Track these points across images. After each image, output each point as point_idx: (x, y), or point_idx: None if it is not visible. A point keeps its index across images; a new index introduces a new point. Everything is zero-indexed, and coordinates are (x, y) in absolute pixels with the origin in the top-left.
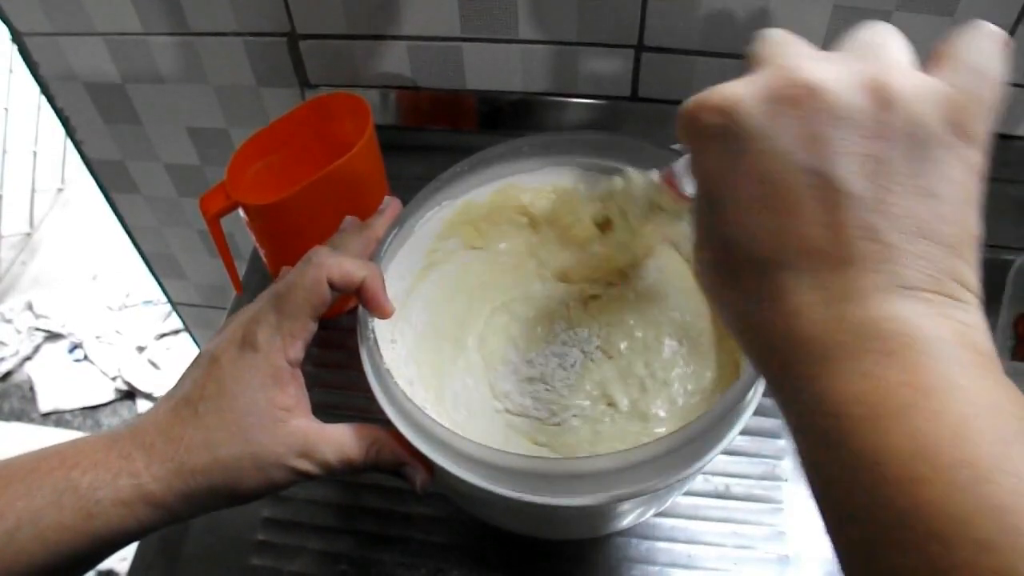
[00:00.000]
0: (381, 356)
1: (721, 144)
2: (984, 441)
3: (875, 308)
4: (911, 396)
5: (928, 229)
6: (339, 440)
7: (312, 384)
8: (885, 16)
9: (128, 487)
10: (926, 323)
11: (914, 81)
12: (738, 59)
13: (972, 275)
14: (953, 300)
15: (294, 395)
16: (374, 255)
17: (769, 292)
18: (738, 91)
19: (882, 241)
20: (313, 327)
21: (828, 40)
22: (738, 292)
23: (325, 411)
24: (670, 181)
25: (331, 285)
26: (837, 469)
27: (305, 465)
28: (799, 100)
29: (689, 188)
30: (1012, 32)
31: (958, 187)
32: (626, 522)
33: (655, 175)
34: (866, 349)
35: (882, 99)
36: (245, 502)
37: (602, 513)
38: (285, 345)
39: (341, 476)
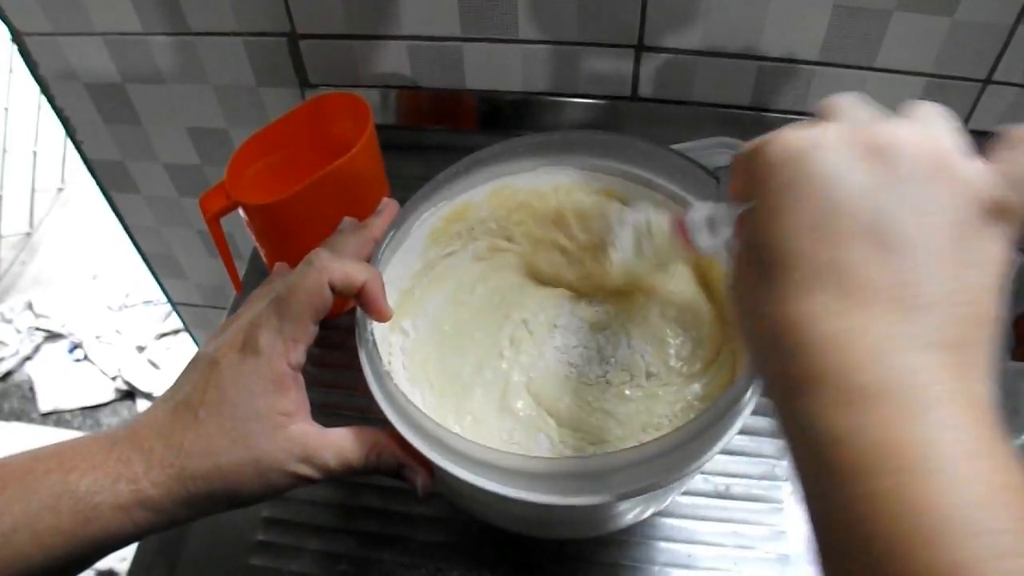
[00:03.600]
0: (380, 358)
1: (785, 175)
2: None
3: (898, 356)
4: (904, 453)
5: (961, 296)
6: (339, 444)
7: (312, 384)
8: (885, 15)
9: (127, 492)
10: (942, 383)
11: (976, 166)
12: (738, 59)
13: (989, 350)
14: (970, 366)
15: (295, 399)
16: (372, 257)
17: (798, 313)
18: (815, 132)
19: (920, 295)
20: (314, 330)
21: (828, 40)
22: (767, 298)
23: (325, 411)
24: (682, 231)
25: (332, 288)
26: (822, 494)
27: (306, 470)
28: (878, 153)
29: (701, 241)
30: (1012, 32)
31: (990, 267)
32: (625, 521)
33: (666, 220)
34: (877, 397)
35: (950, 175)
36: (245, 506)
37: (601, 513)
38: (287, 349)
39: (342, 479)
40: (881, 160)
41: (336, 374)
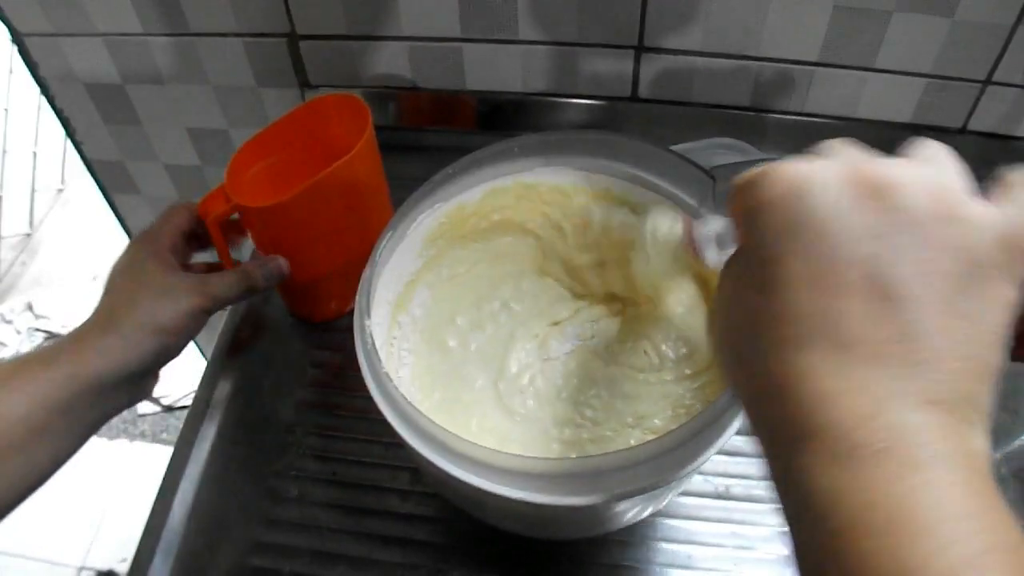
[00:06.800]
0: (380, 360)
1: (781, 216)
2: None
3: (894, 414)
4: (897, 513)
5: (961, 350)
6: (225, 279)
7: (311, 385)
8: (885, 16)
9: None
10: (938, 442)
11: (980, 208)
12: (737, 60)
13: (988, 404)
14: (968, 423)
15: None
16: (368, 258)
17: (792, 369)
18: (814, 168)
19: (918, 350)
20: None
21: (828, 41)
22: (758, 361)
23: (325, 411)
24: (692, 244)
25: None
26: (813, 546)
27: (205, 298)
28: (879, 193)
29: (709, 255)
30: (1012, 32)
31: (994, 316)
32: (624, 521)
33: (678, 226)
34: (872, 456)
35: (954, 217)
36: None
37: (600, 513)
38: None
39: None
40: (882, 200)
41: (335, 375)
